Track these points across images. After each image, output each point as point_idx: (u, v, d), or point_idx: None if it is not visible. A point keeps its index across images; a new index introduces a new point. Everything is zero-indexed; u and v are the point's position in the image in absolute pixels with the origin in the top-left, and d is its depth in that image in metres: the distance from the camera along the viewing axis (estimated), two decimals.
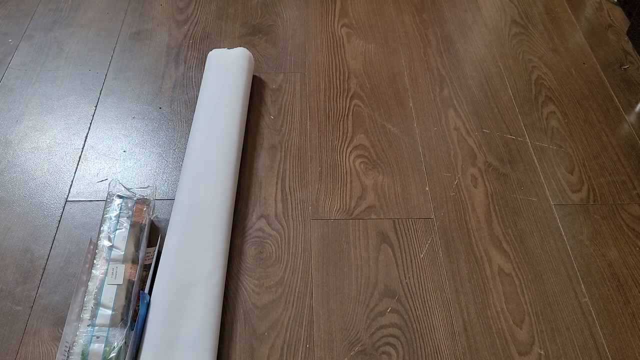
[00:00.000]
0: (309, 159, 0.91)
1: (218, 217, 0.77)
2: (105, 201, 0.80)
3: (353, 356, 0.70)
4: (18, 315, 0.73)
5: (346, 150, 0.92)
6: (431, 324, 0.73)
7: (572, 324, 0.73)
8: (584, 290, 0.76)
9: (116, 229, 0.75)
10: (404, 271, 0.77)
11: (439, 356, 0.70)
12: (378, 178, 0.88)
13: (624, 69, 1.06)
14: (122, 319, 0.68)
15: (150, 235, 0.80)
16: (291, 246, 0.80)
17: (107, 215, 0.77)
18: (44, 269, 0.77)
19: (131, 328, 0.68)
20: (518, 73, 1.05)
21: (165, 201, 0.85)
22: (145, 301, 0.69)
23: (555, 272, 0.78)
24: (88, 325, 0.67)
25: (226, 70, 0.96)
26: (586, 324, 0.73)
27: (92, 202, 0.85)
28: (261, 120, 0.96)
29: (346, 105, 0.99)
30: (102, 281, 0.70)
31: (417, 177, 0.88)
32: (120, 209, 0.77)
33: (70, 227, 0.82)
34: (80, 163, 0.90)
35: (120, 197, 0.79)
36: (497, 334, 0.72)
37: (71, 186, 0.87)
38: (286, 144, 0.93)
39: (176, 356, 0.65)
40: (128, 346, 0.66)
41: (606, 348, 0.71)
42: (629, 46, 1.11)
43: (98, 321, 0.67)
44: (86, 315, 0.68)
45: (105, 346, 0.66)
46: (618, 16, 1.17)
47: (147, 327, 0.68)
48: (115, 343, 0.66)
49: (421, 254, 0.79)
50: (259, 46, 1.10)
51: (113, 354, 0.65)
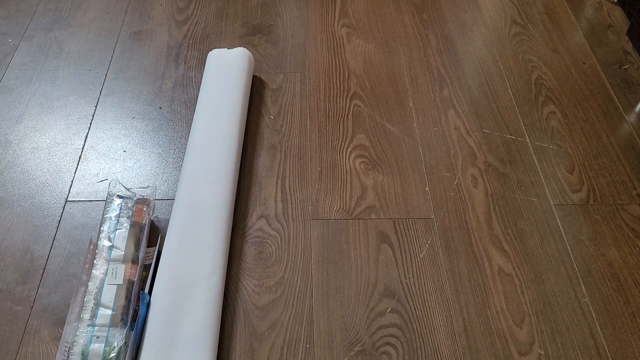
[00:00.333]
0: (309, 159, 0.91)
1: (218, 217, 0.77)
2: (105, 201, 0.80)
3: (353, 356, 0.70)
4: (18, 315, 0.73)
5: (346, 150, 0.92)
6: (431, 324, 0.73)
7: (572, 324, 0.73)
8: (584, 290, 0.76)
9: (116, 229, 0.75)
10: (404, 271, 0.77)
11: (439, 356, 0.70)
12: (378, 178, 0.88)
13: (624, 69, 1.06)
14: (122, 319, 0.68)
15: (150, 235, 0.80)
16: (291, 246, 0.80)
17: (107, 215, 0.77)
18: (44, 269, 0.77)
19: (131, 328, 0.68)
20: (518, 73, 1.05)
21: (165, 201, 0.85)
22: (145, 301, 0.69)
23: (555, 272, 0.78)
24: (88, 325, 0.67)
25: (226, 70, 0.96)
26: (586, 324, 0.73)
27: (92, 202, 0.85)
28: (261, 120, 0.96)
29: (346, 105, 0.99)
30: (102, 281, 0.70)
31: (417, 177, 0.88)
32: (120, 209, 0.77)
33: (70, 227, 0.82)
34: (80, 163, 0.90)
35: (120, 197, 0.79)
36: (497, 334, 0.72)
37: (71, 186, 0.87)
38: (286, 144, 0.93)
39: (176, 356, 0.65)
40: (128, 346, 0.66)
41: (606, 348, 0.71)
42: (629, 46, 1.11)
43: (98, 321, 0.67)
44: (86, 315, 0.68)
45: (105, 346, 0.66)
46: (618, 16, 1.17)
47: (147, 327, 0.68)
48: (115, 343, 0.66)
49: (421, 254, 0.79)
50: (259, 46, 1.10)
51: (113, 354, 0.65)
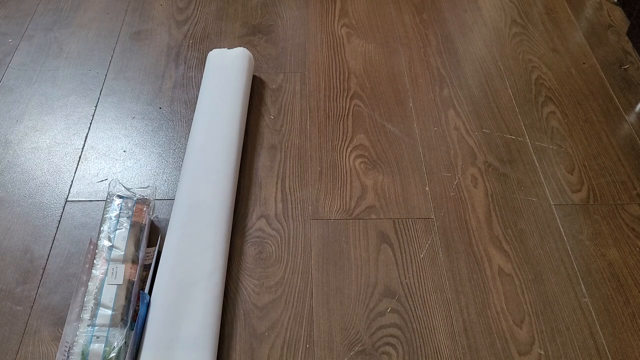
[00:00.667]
0: (309, 159, 0.91)
1: (218, 217, 0.77)
2: (105, 201, 0.80)
3: (353, 356, 0.70)
4: (18, 315, 0.73)
5: (346, 150, 0.92)
6: (431, 324, 0.73)
7: (572, 324, 0.73)
8: (584, 290, 0.76)
9: (116, 229, 0.75)
10: (404, 271, 0.77)
11: (439, 356, 0.70)
12: (378, 178, 0.88)
13: (624, 69, 1.06)
14: (122, 319, 0.68)
15: (150, 235, 0.80)
16: (291, 246, 0.80)
17: (107, 215, 0.77)
18: (44, 269, 0.77)
19: (131, 328, 0.68)
20: (518, 73, 1.05)
21: (165, 201, 0.85)
22: (145, 301, 0.69)
23: (555, 272, 0.78)
24: (88, 325, 0.67)
25: (226, 70, 0.96)
26: (586, 324, 0.73)
27: (92, 202, 0.85)
28: (261, 120, 0.96)
29: (346, 105, 0.99)
30: (102, 281, 0.70)
31: (417, 177, 0.88)
32: (120, 209, 0.77)
33: (70, 227, 0.82)
34: (80, 163, 0.90)
35: (120, 197, 0.79)
36: (497, 334, 0.72)
37: (71, 186, 0.87)
38: (286, 144, 0.93)
39: (176, 356, 0.65)
40: (128, 346, 0.66)
41: (606, 348, 0.71)
42: (629, 46, 1.11)
43: (98, 321, 0.67)
44: (86, 315, 0.68)
45: (105, 346, 0.66)
46: (618, 16, 1.17)
47: (147, 327, 0.68)
48: (115, 343, 0.66)
49: (421, 254, 0.79)
50: (259, 46, 1.10)
51: (113, 354, 0.65)
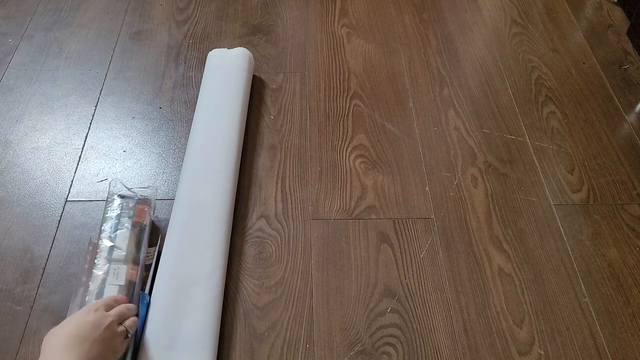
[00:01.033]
0: (309, 159, 0.91)
1: (218, 217, 0.77)
2: (106, 200, 0.80)
3: (353, 356, 0.70)
4: (18, 315, 0.73)
5: (346, 150, 0.92)
6: (431, 324, 0.73)
7: (572, 324, 0.73)
8: (584, 290, 0.76)
9: (117, 229, 0.75)
10: (404, 271, 0.78)
11: (439, 356, 0.70)
12: (378, 178, 0.88)
13: (624, 69, 1.06)
14: None
15: (150, 235, 0.80)
16: (291, 246, 0.80)
17: (108, 214, 0.77)
18: (44, 269, 0.77)
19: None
20: (518, 73, 1.05)
21: (165, 201, 0.85)
22: (145, 301, 0.69)
23: (555, 272, 0.78)
24: None
25: (226, 70, 0.96)
26: (586, 324, 0.73)
27: (92, 202, 0.85)
28: (261, 120, 0.96)
29: (346, 105, 0.99)
30: (104, 281, 0.70)
31: (417, 177, 0.88)
32: (121, 209, 0.77)
33: (70, 227, 0.82)
34: (80, 163, 0.90)
35: (121, 197, 0.79)
36: (497, 334, 0.72)
37: (71, 186, 0.87)
38: (286, 144, 0.93)
39: (176, 356, 0.65)
40: (130, 349, 0.66)
41: (606, 348, 0.71)
42: (629, 46, 1.11)
43: None
44: None
45: None
46: (618, 16, 1.17)
47: (147, 327, 0.68)
48: None
49: (421, 254, 0.79)
50: (259, 46, 1.10)
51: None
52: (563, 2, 1.21)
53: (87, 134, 0.95)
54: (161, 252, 0.75)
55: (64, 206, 0.85)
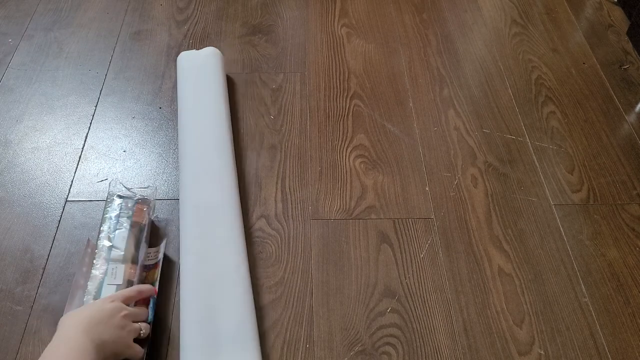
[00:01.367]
0: (309, 159, 0.91)
1: (229, 213, 0.77)
2: (105, 201, 0.80)
3: (353, 356, 0.70)
4: (18, 315, 0.73)
5: (346, 150, 0.92)
6: (431, 324, 0.73)
7: (572, 324, 0.73)
8: (584, 290, 0.76)
9: (116, 229, 0.75)
10: (404, 271, 0.78)
11: (439, 356, 0.70)
12: (378, 178, 0.88)
13: (624, 69, 1.06)
14: None
15: (150, 235, 0.80)
16: (291, 246, 0.80)
17: (107, 215, 0.77)
18: (44, 269, 0.77)
19: None
20: (518, 73, 1.05)
21: (165, 201, 0.85)
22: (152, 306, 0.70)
23: (555, 272, 0.78)
24: None
25: (197, 70, 0.95)
26: (586, 324, 0.73)
27: (92, 202, 0.85)
28: (261, 120, 0.96)
29: (346, 105, 0.99)
30: (102, 281, 0.70)
31: (417, 177, 0.89)
32: (120, 209, 0.77)
33: (70, 227, 0.82)
34: (80, 163, 0.90)
35: (120, 197, 0.79)
36: (497, 334, 0.72)
37: (71, 186, 0.87)
38: (286, 144, 0.93)
39: (222, 353, 0.65)
40: None
41: (606, 348, 0.71)
42: (629, 46, 1.11)
43: None
44: None
45: None
46: (618, 16, 1.17)
47: (183, 331, 0.67)
48: None
49: (421, 254, 0.79)
50: (259, 46, 1.10)
51: None
52: (563, 2, 1.21)
53: (87, 134, 0.95)
54: (163, 253, 0.75)
55: (64, 206, 0.85)
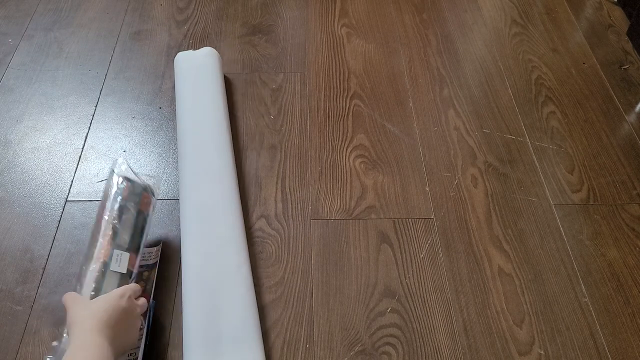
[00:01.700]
0: (309, 159, 0.91)
1: (230, 213, 0.77)
2: (109, 177, 0.73)
3: (353, 356, 0.70)
4: (18, 315, 0.73)
5: (346, 150, 0.92)
6: (431, 324, 0.73)
7: (572, 324, 0.73)
8: (584, 290, 0.76)
9: (123, 213, 0.70)
10: (404, 271, 0.78)
11: (439, 356, 0.70)
12: (378, 178, 0.88)
13: (624, 69, 1.06)
14: None
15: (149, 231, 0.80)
16: (291, 246, 0.80)
17: (113, 193, 0.71)
18: (44, 269, 0.77)
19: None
20: (518, 73, 1.05)
21: (165, 201, 0.85)
22: (151, 309, 0.69)
23: (555, 272, 0.78)
24: None
25: (196, 70, 0.95)
26: (586, 324, 0.73)
27: (92, 202, 0.85)
28: (261, 120, 0.96)
29: (346, 105, 0.99)
30: (106, 265, 0.66)
31: (417, 177, 0.88)
32: (128, 193, 0.72)
33: (70, 227, 0.82)
34: (80, 163, 0.90)
35: (128, 180, 0.73)
36: (497, 334, 0.72)
37: (71, 186, 0.87)
38: (286, 144, 0.93)
39: (225, 353, 0.65)
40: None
41: (606, 348, 0.71)
42: (629, 46, 1.11)
43: None
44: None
45: None
46: (618, 16, 1.17)
47: (187, 331, 0.67)
48: None
49: (421, 254, 0.79)
50: (259, 46, 1.10)
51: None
52: (563, 2, 1.21)
53: (87, 134, 0.95)
54: (162, 253, 0.75)
55: (64, 206, 0.85)
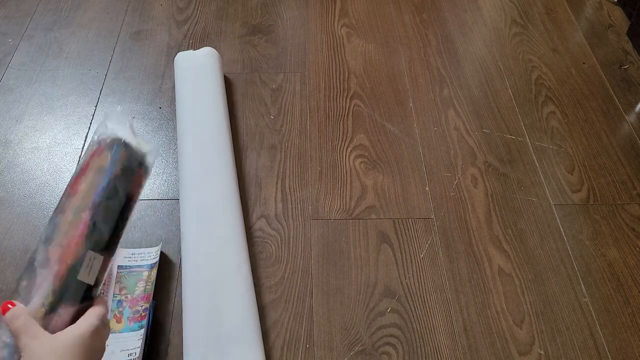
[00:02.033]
0: (309, 159, 0.91)
1: (230, 213, 0.77)
2: (96, 131, 0.49)
3: (353, 356, 0.70)
4: None
5: (346, 150, 0.92)
6: (431, 324, 0.73)
7: (572, 324, 0.73)
8: (584, 290, 0.76)
9: (110, 198, 0.46)
10: (404, 271, 0.77)
11: (439, 356, 0.70)
12: (378, 178, 0.88)
13: (624, 69, 1.06)
14: None
15: (146, 235, 0.80)
16: (291, 246, 0.80)
17: (101, 165, 0.47)
18: None
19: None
20: (518, 73, 1.05)
21: (165, 201, 0.85)
22: (151, 308, 0.69)
23: (555, 272, 0.78)
24: None
25: (196, 70, 0.95)
26: (586, 324, 0.73)
27: None
28: (261, 120, 0.96)
29: (346, 105, 0.99)
30: (73, 269, 0.45)
31: (417, 177, 0.88)
32: (121, 167, 0.47)
33: None
34: None
35: (125, 146, 0.48)
36: (497, 334, 0.72)
37: None
38: (286, 144, 0.93)
39: (226, 353, 0.65)
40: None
41: (606, 348, 0.71)
42: (629, 46, 1.11)
43: None
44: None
45: None
46: (618, 16, 1.17)
47: (187, 331, 0.67)
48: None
49: (421, 254, 0.79)
50: (259, 46, 1.10)
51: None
52: (563, 2, 1.21)
53: (87, 134, 0.95)
54: (162, 252, 0.75)
55: None
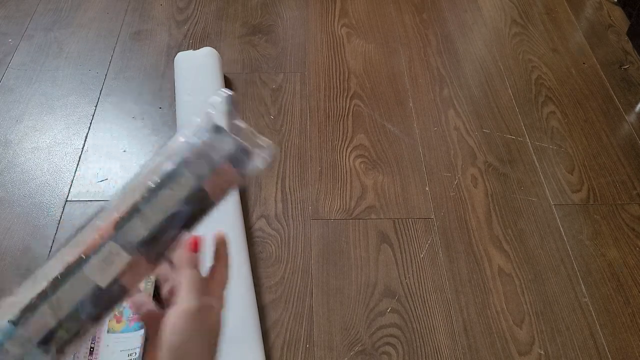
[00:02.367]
0: (309, 159, 0.91)
1: (229, 212, 0.77)
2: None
3: (353, 356, 0.70)
4: None
5: (346, 150, 0.92)
6: (431, 324, 0.73)
7: (572, 324, 0.73)
8: (584, 290, 0.76)
9: (169, 184, 0.37)
10: (404, 271, 0.77)
11: (439, 356, 0.70)
12: (378, 178, 0.88)
13: (624, 69, 1.06)
14: None
15: None
16: (291, 246, 0.80)
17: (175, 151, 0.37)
18: None
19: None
20: (518, 73, 1.05)
21: None
22: None
23: (555, 272, 0.78)
24: None
25: (197, 70, 0.96)
26: (586, 324, 0.73)
27: (92, 202, 0.85)
28: (261, 120, 0.96)
29: (346, 105, 0.99)
30: (82, 264, 0.34)
31: (417, 177, 0.88)
32: (197, 154, 0.37)
33: (70, 227, 0.82)
34: (80, 163, 0.90)
35: (216, 132, 0.37)
36: (497, 334, 0.72)
37: (71, 186, 0.87)
38: (286, 144, 0.93)
39: (227, 353, 0.65)
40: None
41: (606, 348, 0.71)
42: (629, 46, 1.11)
43: None
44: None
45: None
46: (618, 16, 1.17)
47: None
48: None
49: (421, 254, 0.79)
50: (259, 46, 1.10)
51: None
52: (563, 2, 1.21)
53: (87, 134, 0.95)
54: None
55: (64, 206, 0.85)
